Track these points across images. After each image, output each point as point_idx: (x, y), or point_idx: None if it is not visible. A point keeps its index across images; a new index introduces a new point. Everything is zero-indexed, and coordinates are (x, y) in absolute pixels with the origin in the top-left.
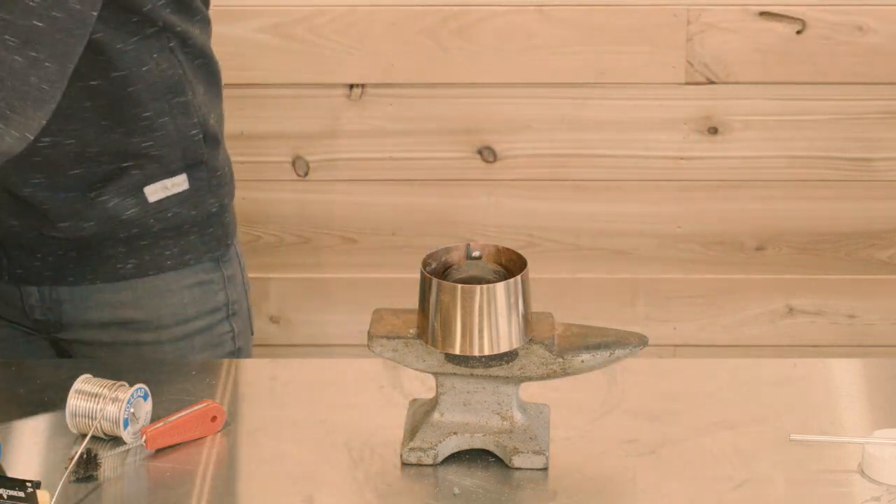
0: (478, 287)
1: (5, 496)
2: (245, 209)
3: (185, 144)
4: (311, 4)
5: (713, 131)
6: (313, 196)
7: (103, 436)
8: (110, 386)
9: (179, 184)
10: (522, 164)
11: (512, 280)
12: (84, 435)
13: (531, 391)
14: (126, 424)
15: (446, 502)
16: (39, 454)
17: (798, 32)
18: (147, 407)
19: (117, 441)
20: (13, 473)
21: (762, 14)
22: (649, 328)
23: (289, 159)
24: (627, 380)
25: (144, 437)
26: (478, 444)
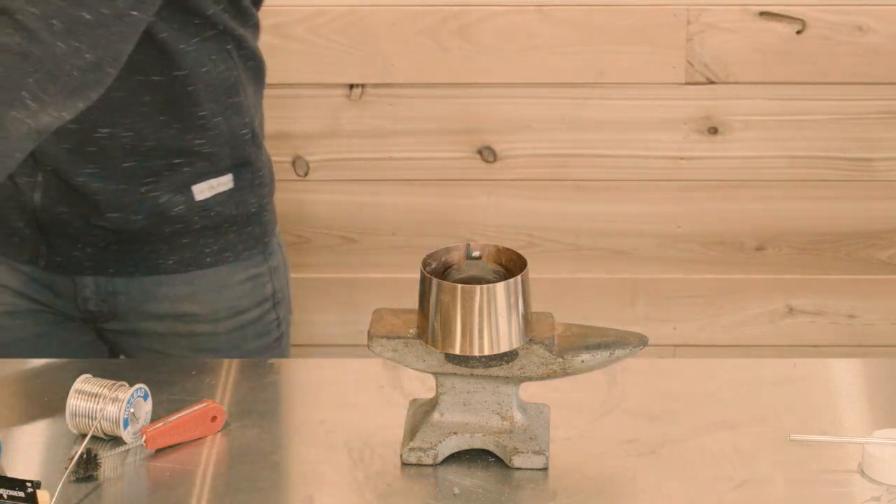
0: (478, 287)
1: (5, 496)
2: None
3: (235, 144)
4: (311, 4)
5: (713, 131)
6: (313, 196)
7: (103, 436)
8: (110, 386)
9: (225, 183)
10: (522, 164)
11: (512, 280)
12: (84, 435)
13: (531, 391)
14: (126, 424)
15: (446, 502)
16: (39, 454)
17: (798, 32)
18: (147, 407)
19: (117, 441)
20: (13, 473)
21: (762, 14)
22: (649, 328)
23: (289, 159)
24: (627, 380)
25: (144, 437)
26: (478, 444)
